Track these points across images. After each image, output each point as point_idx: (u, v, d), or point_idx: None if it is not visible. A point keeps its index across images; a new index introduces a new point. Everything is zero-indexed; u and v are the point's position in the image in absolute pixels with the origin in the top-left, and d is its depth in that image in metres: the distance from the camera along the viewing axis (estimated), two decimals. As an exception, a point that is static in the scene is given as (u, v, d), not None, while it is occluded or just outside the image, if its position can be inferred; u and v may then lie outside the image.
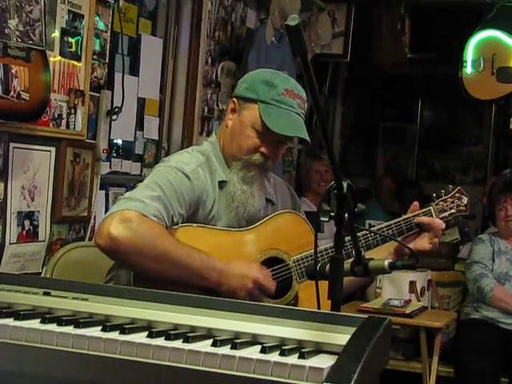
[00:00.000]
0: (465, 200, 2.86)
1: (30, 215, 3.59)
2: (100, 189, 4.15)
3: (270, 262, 2.64)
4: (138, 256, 2.40)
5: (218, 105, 5.41)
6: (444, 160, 9.24)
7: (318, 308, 1.97)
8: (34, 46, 3.23)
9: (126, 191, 4.04)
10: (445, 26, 7.55)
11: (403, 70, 8.21)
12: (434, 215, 2.77)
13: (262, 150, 2.64)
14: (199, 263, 2.46)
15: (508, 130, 8.70)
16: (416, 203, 2.78)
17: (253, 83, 2.69)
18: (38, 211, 3.65)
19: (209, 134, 5.23)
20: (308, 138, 2.62)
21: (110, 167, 4.29)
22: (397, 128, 9.41)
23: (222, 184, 2.67)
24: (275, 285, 2.58)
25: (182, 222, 2.56)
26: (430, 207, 2.79)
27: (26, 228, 3.58)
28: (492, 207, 5.12)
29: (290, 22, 1.59)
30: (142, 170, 4.62)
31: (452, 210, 2.84)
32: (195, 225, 2.58)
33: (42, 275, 3.31)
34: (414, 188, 7.60)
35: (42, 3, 3.26)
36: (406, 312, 4.62)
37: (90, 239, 3.89)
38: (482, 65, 6.11)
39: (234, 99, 2.73)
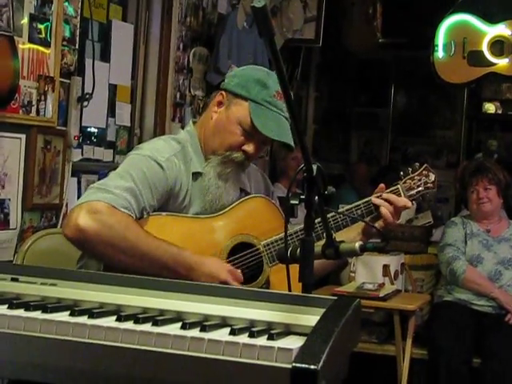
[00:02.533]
0: (432, 177, 2.85)
1: (0, 203, 3.57)
2: (72, 176, 4.12)
3: (241, 247, 2.64)
4: (106, 247, 2.38)
5: (190, 91, 5.40)
6: (417, 144, 9.27)
7: (289, 291, 1.97)
8: (1, 32, 3.20)
9: (99, 178, 4.03)
10: (416, 10, 7.56)
11: (375, 54, 8.24)
12: (401, 193, 2.77)
13: (245, 148, 2.63)
14: (169, 257, 2.44)
15: (480, 114, 8.77)
16: (382, 185, 2.78)
17: (245, 80, 2.66)
18: (9, 199, 3.63)
19: (181, 120, 5.22)
20: (292, 144, 2.61)
21: (82, 154, 4.26)
22: (370, 113, 9.44)
23: (196, 175, 2.65)
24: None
25: (154, 212, 2.55)
26: (398, 185, 2.78)
27: (-3, 216, 3.56)
28: (464, 190, 5.14)
29: (256, 3, 1.58)
30: (114, 157, 4.60)
31: (420, 188, 2.83)
32: (164, 213, 2.57)
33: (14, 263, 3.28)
34: (395, 172, 7.62)
35: (9, -12, 3.23)
36: (380, 295, 4.64)
37: (61, 226, 3.86)
38: (453, 49, 6.14)
39: (223, 92, 2.70)
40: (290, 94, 1.72)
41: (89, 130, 4.33)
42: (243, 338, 1.49)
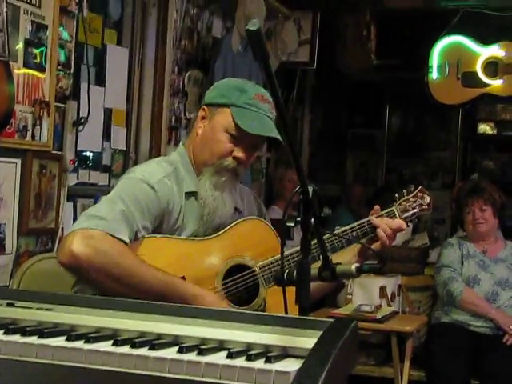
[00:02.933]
0: (427, 199, 2.86)
1: (-4, 228, 3.57)
2: (68, 200, 4.12)
3: (236, 269, 2.63)
4: (100, 275, 2.38)
5: (185, 114, 5.41)
6: (412, 166, 9.28)
7: (286, 313, 1.97)
8: (-4, 57, 3.21)
9: (95, 202, 4.03)
10: (410, 32, 7.59)
11: (370, 76, 8.25)
12: (397, 215, 2.77)
13: (235, 154, 2.63)
14: (164, 288, 2.42)
15: (475, 135, 8.79)
16: (377, 207, 2.78)
17: (223, 90, 2.70)
18: (5, 224, 3.62)
19: (177, 144, 5.22)
20: (281, 138, 2.61)
21: (78, 178, 4.27)
22: (365, 135, 9.45)
23: (189, 195, 2.65)
24: None
25: (148, 234, 2.54)
26: (393, 207, 2.79)
27: (-7, 241, 3.55)
28: (460, 211, 5.14)
29: (251, 26, 1.59)
30: (110, 181, 4.60)
31: (415, 210, 2.83)
32: (159, 235, 2.56)
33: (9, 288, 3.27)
34: (392, 193, 7.63)
35: (4, 14, 3.25)
36: (377, 317, 4.63)
37: (57, 251, 3.86)
38: (447, 70, 6.18)
39: (204, 107, 2.72)
40: (286, 116, 1.71)
41: (84, 154, 4.34)
42: (240, 362, 1.48)
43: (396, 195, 2.83)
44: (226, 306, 2.51)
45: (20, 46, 3.62)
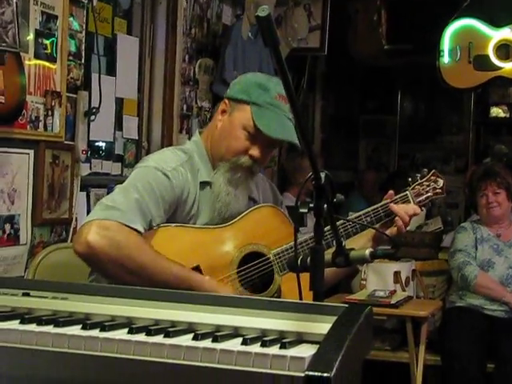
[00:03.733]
0: (441, 182, 2.84)
1: (10, 219, 3.58)
2: (81, 190, 4.13)
3: (251, 257, 2.63)
4: (114, 266, 2.39)
5: (196, 102, 5.41)
6: (425, 150, 9.26)
7: (300, 299, 1.97)
8: (7, 49, 3.21)
9: (108, 192, 4.03)
10: (421, 16, 7.55)
11: (381, 61, 8.22)
12: (410, 200, 2.76)
13: (251, 152, 2.62)
14: (180, 282, 2.42)
15: (488, 118, 8.74)
16: (391, 191, 2.77)
17: (246, 85, 2.68)
18: (19, 214, 3.64)
19: (188, 132, 5.23)
20: (298, 144, 2.60)
21: (91, 168, 4.27)
22: (377, 120, 9.43)
23: (204, 184, 2.66)
24: None
25: (162, 223, 2.55)
26: (407, 192, 2.78)
27: (7, 232, 3.56)
28: (473, 195, 5.13)
29: (260, 12, 1.58)
30: (122, 170, 4.60)
31: (428, 194, 2.82)
32: (173, 225, 2.57)
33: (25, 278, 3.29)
34: (404, 179, 7.62)
35: (14, 5, 3.24)
36: (392, 302, 4.63)
37: (71, 241, 3.87)
38: (458, 54, 6.14)
39: (226, 100, 2.71)
40: (297, 102, 1.71)
41: (96, 143, 4.34)
42: (255, 348, 1.48)
43: (409, 179, 2.82)
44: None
45: (31, 37, 3.62)
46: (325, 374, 1.37)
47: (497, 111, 8.67)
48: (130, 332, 1.57)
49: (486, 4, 6.22)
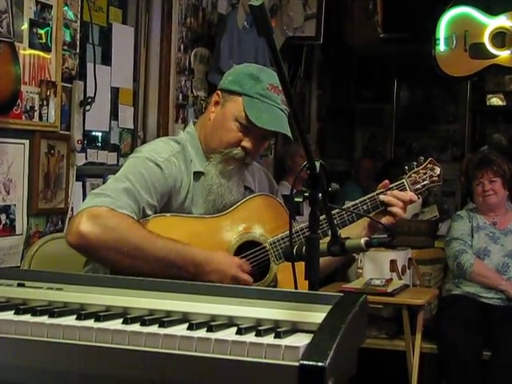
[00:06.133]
0: (437, 170, 2.83)
1: (6, 209, 3.57)
2: (77, 180, 4.12)
3: (247, 246, 2.63)
4: (110, 251, 2.39)
5: (192, 91, 5.40)
6: (421, 139, 9.26)
7: (296, 289, 1.97)
8: (1, 39, 3.20)
9: (104, 182, 4.03)
10: (417, 4, 7.55)
11: (377, 50, 8.22)
12: (407, 188, 2.75)
13: (244, 144, 2.63)
14: (175, 255, 2.44)
15: (484, 107, 8.74)
16: (386, 181, 2.76)
17: (238, 76, 2.68)
18: (14, 204, 3.63)
19: (184, 121, 5.22)
20: (290, 135, 2.60)
21: (86, 158, 4.27)
22: (373, 109, 9.43)
23: (197, 174, 2.66)
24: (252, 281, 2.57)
25: (155, 213, 2.55)
26: (403, 180, 2.77)
27: (3, 222, 3.56)
28: (469, 183, 5.13)
29: (254, 2, 1.58)
30: (118, 160, 4.59)
31: (425, 182, 2.81)
32: (169, 214, 2.57)
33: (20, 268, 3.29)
34: (399, 168, 7.62)
35: (8, -6, 3.23)
36: (388, 291, 4.63)
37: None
38: (454, 42, 6.14)
39: (218, 92, 2.71)
40: (291, 91, 1.71)
41: (92, 133, 4.33)
42: (250, 337, 1.49)
43: (406, 167, 2.81)
44: (236, 262, 2.54)
45: (25, 26, 3.61)
46: (319, 364, 1.38)
47: (493, 99, 8.66)
48: (125, 322, 1.57)
49: (482, -8, 6.22)
